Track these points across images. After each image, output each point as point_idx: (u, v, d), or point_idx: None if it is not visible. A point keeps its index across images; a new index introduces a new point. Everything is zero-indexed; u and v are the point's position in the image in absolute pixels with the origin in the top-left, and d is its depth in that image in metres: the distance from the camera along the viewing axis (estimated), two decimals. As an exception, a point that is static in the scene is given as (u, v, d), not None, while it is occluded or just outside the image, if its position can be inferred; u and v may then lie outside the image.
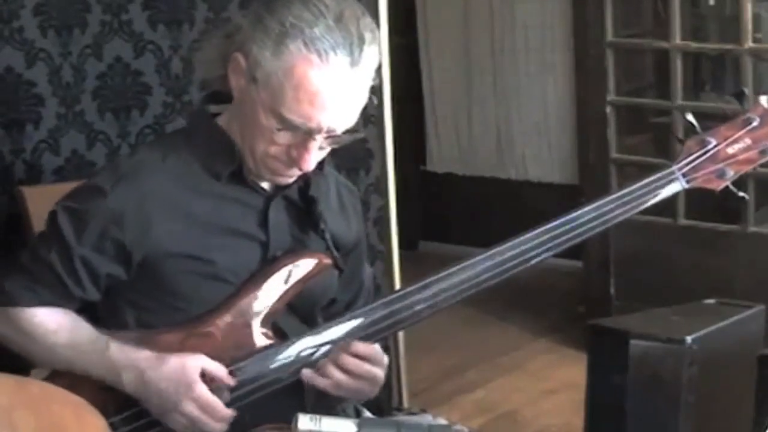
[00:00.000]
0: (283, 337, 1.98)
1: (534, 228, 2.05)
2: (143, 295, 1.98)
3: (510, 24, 5.20)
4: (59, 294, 1.97)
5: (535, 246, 2.04)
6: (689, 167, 2.13)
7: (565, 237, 2.06)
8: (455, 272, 2.01)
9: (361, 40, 1.87)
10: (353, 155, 3.14)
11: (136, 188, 1.94)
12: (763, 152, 2.15)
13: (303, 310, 2.04)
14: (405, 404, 3.35)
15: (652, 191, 2.13)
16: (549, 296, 4.88)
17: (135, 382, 1.90)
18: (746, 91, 2.27)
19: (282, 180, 1.99)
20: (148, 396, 1.90)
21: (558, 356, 4.24)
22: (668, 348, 2.14)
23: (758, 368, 2.07)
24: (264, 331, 1.97)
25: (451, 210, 5.45)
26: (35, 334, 1.97)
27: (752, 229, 4.01)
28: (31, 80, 2.47)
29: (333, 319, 2.00)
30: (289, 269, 1.99)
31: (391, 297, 2.01)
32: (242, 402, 1.92)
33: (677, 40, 4.10)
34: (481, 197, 5.29)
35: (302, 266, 2.00)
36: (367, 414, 2.17)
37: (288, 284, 1.98)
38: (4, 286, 1.98)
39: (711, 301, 2.51)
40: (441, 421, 2.11)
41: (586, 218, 2.08)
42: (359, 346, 1.95)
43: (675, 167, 2.14)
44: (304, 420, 1.65)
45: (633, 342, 2.14)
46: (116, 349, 1.92)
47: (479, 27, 5.28)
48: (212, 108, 2.04)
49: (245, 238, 1.99)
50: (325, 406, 2.02)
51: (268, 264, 1.99)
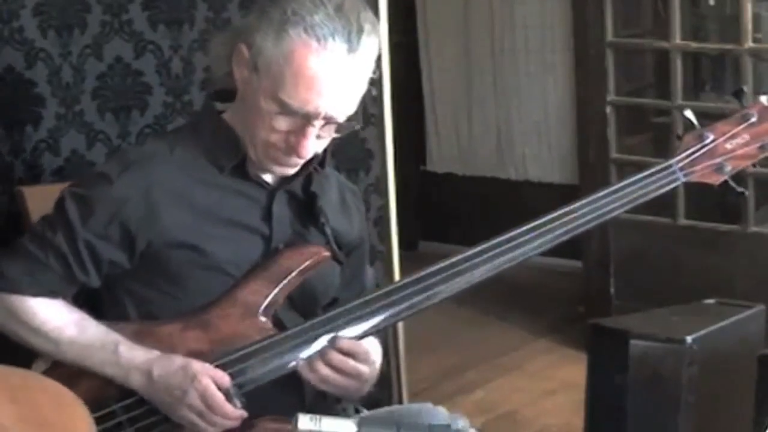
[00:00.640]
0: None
1: (531, 221, 2.06)
2: (145, 285, 2.00)
3: (510, 24, 5.20)
4: (61, 278, 1.99)
5: (534, 238, 2.04)
6: (687, 161, 2.14)
7: (564, 229, 2.06)
8: (450, 265, 2.02)
9: (360, 30, 1.91)
10: (353, 155, 3.15)
11: (143, 177, 1.98)
12: (762, 148, 2.16)
13: (304, 306, 2.06)
14: (405, 404, 3.34)
15: (650, 185, 2.13)
16: (549, 296, 4.88)
17: (144, 382, 1.92)
18: (745, 89, 2.27)
19: (283, 170, 2.01)
20: (157, 394, 1.92)
21: (558, 356, 4.24)
22: (668, 348, 2.14)
23: (758, 368, 2.07)
24: (264, 322, 1.99)
25: (451, 210, 5.45)
26: (39, 329, 1.98)
27: (752, 229, 4.01)
28: (31, 80, 2.47)
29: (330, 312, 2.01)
30: (289, 261, 2.01)
31: (388, 288, 2.02)
32: (242, 391, 1.94)
33: (677, 40, 4.11)
34: (481, 197, 5.29)
35: (302, 258, 2.02)
36: (366, 413, 2.18)
37: (288, 276, 2.00)
38: (5, 272, 2.00)
39: (711, 301, 2.51)
40: (441, 410, 2.11)
41: (584, 211, 2.08)
42: (344, 342, 1.95)
43: (673, 161, 2.14)
44: (304, 420, 1.64)
45: (633, 342, 2.14)
46: (125, 349, 1.94)
47: (479, 27, 5.28)
48: (218, 105, 2.08)
49: (248, 231, 2.02)
50: (325, 401, 2.04)
51: (269, 256, 2.01)
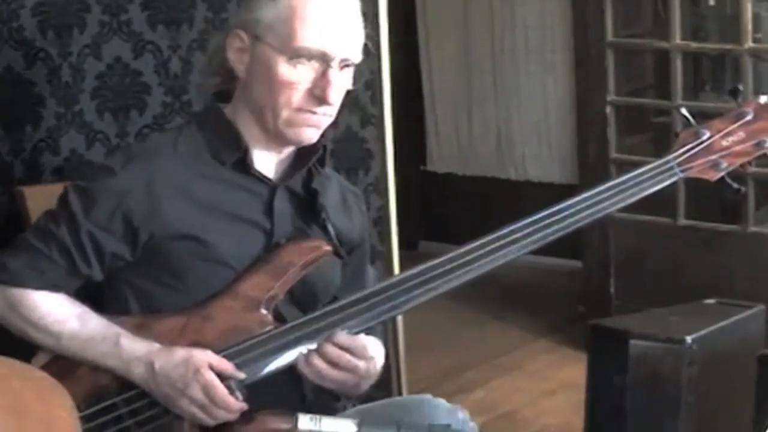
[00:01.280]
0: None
1: (529, 216, 2.06)
2: (146, 279, 2.01)
3: (510, 24, 5.20)
4: (64, 271, 1.99)
5: (532, 233, 2.05)
6: (684, 157, 2.16)
7: (562, 224, 2.07)
8: (449, 259, 2.03)
9: None
10: (353, 155, 3.15)
11: (146, 169, 2.00)
12: (758, 145, 2.18)
13: (304, 302, 2.06)
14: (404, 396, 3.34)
15: (648, 180, 2.14)
16: (549, 296, 4.88)
17: (145, 374, 1.92)
18: (740, 88, 2.29)
19: (309, 133, 2.03)
20: (158, 386, 1.92)
21: (558, 356, 4.24)
22: (668, 348, 2.14)
23: (758, 368, 2.07)
24: (265, 315, 1.99)
25: (451, 210, 5.45)
26: (40, 322, 1.98)
27: (752, 229, 4.01)
28: (31, 80, 2.46)
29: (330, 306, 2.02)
30: (291, 255, 2.02)
31: (389, 282, 2.03)
32: (243, 383, 1.94)
33: (677, 40, 4.10)
34: (481, 197, 5.29)
35: (303, 252, 2.03)
36: (365, 406, 2.19)
37: (289, 269, 2.01)
38: (8, 265, 2.00)
39: (711, 301, 2.51)
40: (441, 402, 2.11)
41: (582, 206, 2.09)
42: (341, 337, 1.95)
43: (670, 157, 2.16)
44: (304, 420, 1.64)
45: (633, 342, 2.14)
46: (126, 342, 1.95)
47: (479, 27, 5.28)
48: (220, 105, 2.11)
49: (250, 225, 2.04)
50: (324, 395, 2.05)
51: (270, 250, 2.03)
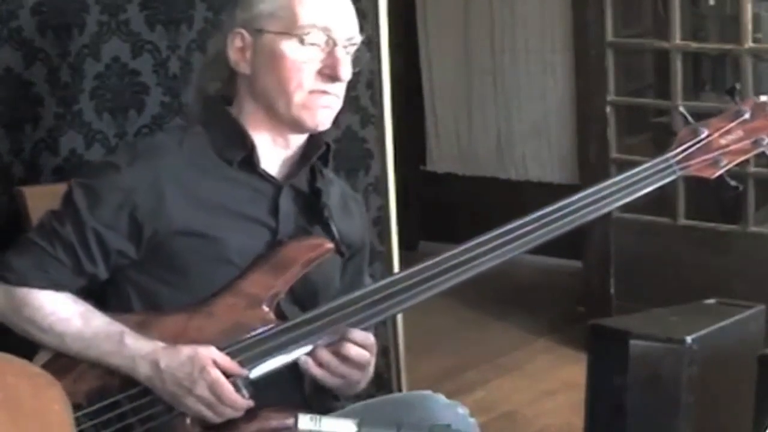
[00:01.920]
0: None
1: (528, 214, 2.07)
2: (149, 276, 2.02)
3: (510, 24, 5.20)
4: (69, 270, 1.99)
5: (530, 231, 2.06)
6: (683, 156, 2.18)
7: (561, 223, 2.08)
8: (450, 257, 2.04)
9: None
10: (353, 155, 3.14)
11: (151, 166, 2.01)
12: (756, 143, 2.20)
13: (304, 301, 2.06)
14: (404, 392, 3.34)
15: (648, 178, 2.16)
16: (549, 296, 4.87)
17: (151, 373, 1.93)
18: (738, 87, 2.30)
19: (326, 114, 2.05)
20: (164, 384, 1.92)
21: (558, 356, 4.24)
22: (668, 348, 2.14)
23: (758, 368, 2.07)
24: (267, 312, 2.00)
25: (451, 210, 5.45)
26: (44, 322, 1.98)
27: (752, 229, 4.01)
28: (30, 80, 2.46)
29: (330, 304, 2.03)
30: (293, 252, 2.03)
31: (388, 281, 2.04)
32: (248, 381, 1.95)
33: (677, 40, 4.10)
34: (481, 197, 5.28)
35: (305, 249, 2.04)
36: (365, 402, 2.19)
37: (291, 267, 2.02)
38: (12, 264, 2.00)
39: (711, 301, 2.51)
40: (440, 397, 2.11)
41: (581, 204, 2.10)
42: (357, 334, 1.98)
43: (669, 155, 2.18)
44: (304, 420, 1.64)
45: (633, 342, 2.14)
46: (131, 340, 1.95)
47: (479, 27, 5.28)
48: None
49: (255, 223, 2.05)
50: (324, 394, 2.06)
51: (273, 247, 2.04)
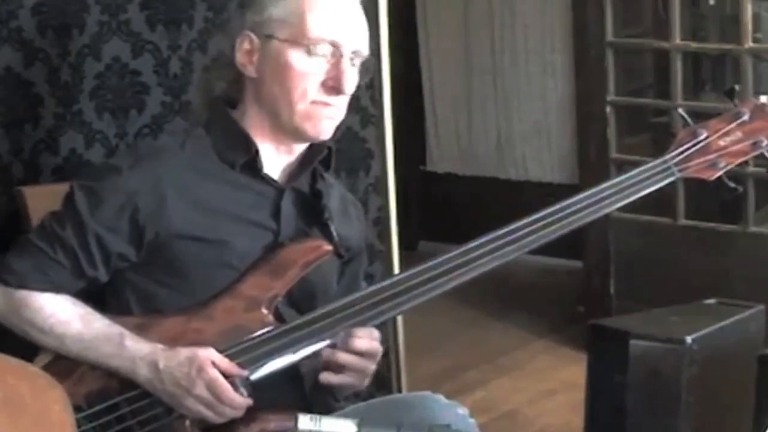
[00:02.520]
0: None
1: (528, 216, 2.07)
2: (148, 279, 2.02)
3: (510, 24, 5.20)
4: (69, 273, 1.99)
5: (530, 233, 2.06)
6: (681, 157, 2.17)
7: (560, 224, 2.08)
8: (450, 258, 2.05)
9: None
10: (353, 155, 3.14)
11: (153, 170, 2.00)
12: (755, 145, 2.20)
13: (302, 304, 2.06)
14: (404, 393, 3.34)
15: (646, 180, 2.15)
16: (549, 296, 4.87)
17: (150, 374, 1.93)
18: (737, 88, 2.30)
19: (328, 125, 2.05)
20: (163, 386, 1.92)
21: (558, 356, 4.24)
22: (668, 348, 2.14)
23: (758, 368, 2.07)
24: (266, 315, 2.00)
25: (451, 210, 5.45)
26: (44, 324, 1.98)
27: (752, 229, 4.01)
28: (30, 80, 2.46)
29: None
30: (292, 254, 2.03)
31: (388, 282, 2.04)
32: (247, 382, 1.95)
33: (677, 40, 4.10)
34: (481, 197, 5.29)
35: (304, 251, 2.04)
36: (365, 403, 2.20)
37: (289, 269, 2.02)
38: (12, 266, 2.00)
39: (711, 301, 2.51)
40: (440, 398, 2.12)
41: (581, 205, 2.10)
42: (361, 330, 2.00)
43: (667, 156, 2.17)
44: (304, 420, 1.64)
45: (633, 342, 2.14)
46: (130, 342, 1.95)
47: (479, 27, 5.28)
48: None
49: (257, 227, 2.05)
50: (324, 394, 2.07)
51: (271, 250, 2.04)
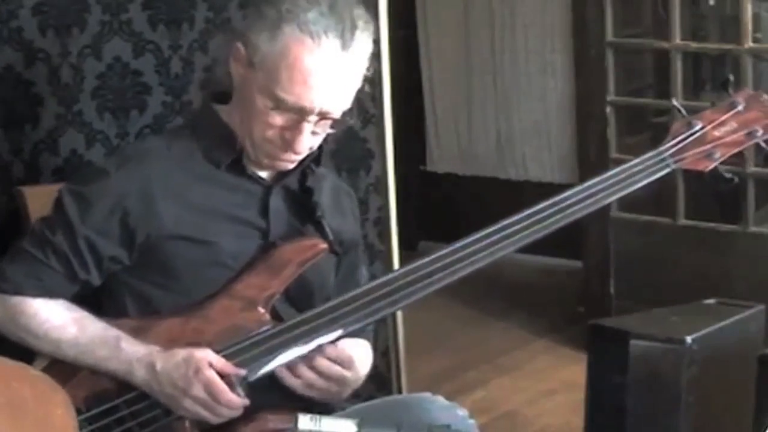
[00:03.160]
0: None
1: (522, 210, 2.07)
2: (143, 281, 2.02)
3: (510, 24, 5.20)
4: (62, 278, 1.99)
5: (527, 226, 2.05)
6: (677, 148, 2.16)
7: (556, 218, 2.07)
8: (446, 254, 2.04)
9: (354, 26, 1.95)
10: (353, 155, 3.14)
11: (141, 172, 2.01)
12: (750, 135, 2.19)
13: (300, 301, 2.07)
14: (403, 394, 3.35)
15: (642, 172, 2.14)
16: (549, 296, 4.88)
17: (147, 376, 1.93)
18: (731, 78, 2.29)
19: (280, 165, 2.05)
20: (160, 387, 1.93)
21: (558, 356, 4.24)
22: (668, 348, 2.13)
23: (758, 368, 2.07)
24: (262, 314, 2.00)
25: (451, 210, 5.45)
26: (39, 330, 1.98)
27: (752, 229, 4.01)
28: (30, 80, 2.46)
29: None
30: (287, 254, 2.03)
31: (384, 279, 2.03)
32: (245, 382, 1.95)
33: (677, 40, 4.10)
34: (481, 197, 5.29)
35: (299, 251, 2.04)
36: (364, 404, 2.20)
37: (285, 268, 2.02)
38: (5, 273, 2.00)
39: (711, 301, 2.51)
40: (440, 399, 2.12)
41: (577, 198, 2.10)
42: (330, 349, 1.98)
43: (662, 148, 2.17)
44: (304, 420, 1.65)
45: (633, 342, 2.14)
46: (127, 345, 1.95)
47: (479, 27, 5.28)
48: (216, 107, 2.11)
49: (246, 225, 2.05)
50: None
51: (267, 249, 2.04)
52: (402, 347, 3.29)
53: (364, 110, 3.14)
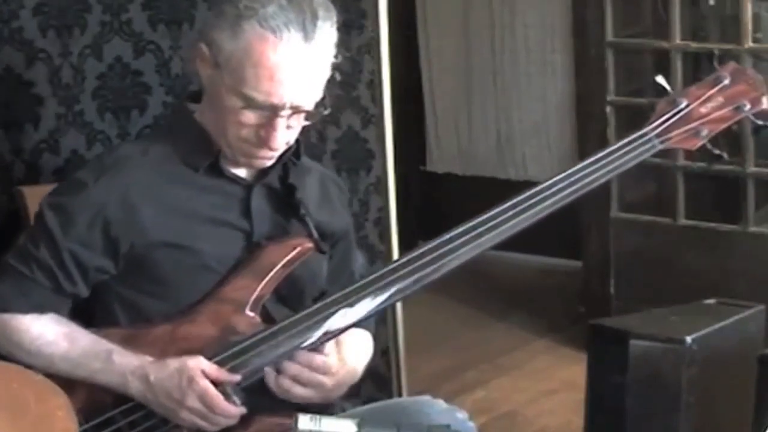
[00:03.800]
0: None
1: (509, 198, 2.07)
2: (131, 289, 2.01)
3: (510, 24, 5.20)
4: (49, 292, 1.98)
5: (514, 215, 2.05)
6: (662, 128, 2.13)
7: (544, 204, 2.08)
8: (434, 247, 2.08)
9: (314, 16, 1.93)
10: (353, 155, 3.14)
11: (119, 180, 1.99)
12: (737, 109, 2.13)
13: (292, 300, 2.06)
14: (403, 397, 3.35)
15: (627, 154, 2.13)
16: (549, 296, 4.87)
17: (142, 388, 1.92)
18: (716, 52, 2.26)
19: (258, 163, 2.03)
20: (155, 398, 1.92)
21: (558, 356, 4.24)
22: (668, 348, 2.14)
23: (758, 368, 2.07)
24: (252, 317, 1.99)
25: (451, 210, 5.43)
26: (31, 346, 1.97)
27: (752, 229, 4.01)
28: (31, 80, 2.46)
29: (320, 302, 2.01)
30: (273, 255, 2.02)
31: (379, 273, 2.01)
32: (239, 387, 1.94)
33: (677, 40, 4.10)
34: (481, 197, 5.26)
35: (285, 251, 2.03)
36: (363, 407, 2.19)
37: (271, 270, 2.01)
38: None
39: (711, 301, 2.51)
40: (439, 402, 2.12)
41: (564, 184, 2.09)
42: (300, 355, 1.95)
43: (647, 129, 2.13)
44: (304, 420, 1.64)
45: (633, 342, 2.14)
46: (118, 357, 1.94)
47: (479, 27, 5.28)
48: (191, 106, 2.10)
49: (228, 227, 2.03)
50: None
51: (252, 251, 2.02)
52: (402, 347, 3.28)
53: (364, 110, 3.15)
